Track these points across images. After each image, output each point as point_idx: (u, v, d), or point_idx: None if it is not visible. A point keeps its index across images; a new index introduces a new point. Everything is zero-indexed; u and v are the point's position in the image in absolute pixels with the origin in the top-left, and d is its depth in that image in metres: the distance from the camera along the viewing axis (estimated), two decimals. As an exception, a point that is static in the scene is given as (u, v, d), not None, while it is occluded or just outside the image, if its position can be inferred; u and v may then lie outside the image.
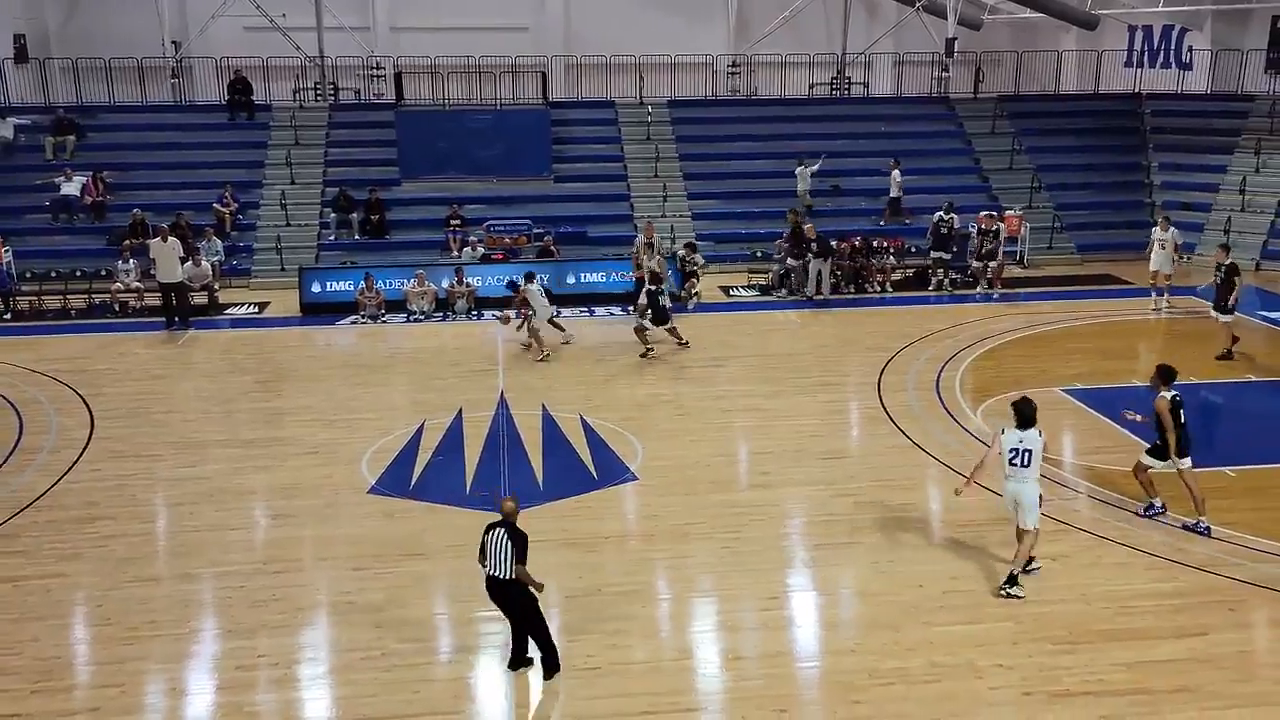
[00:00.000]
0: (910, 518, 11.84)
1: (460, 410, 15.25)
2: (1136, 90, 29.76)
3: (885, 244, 23.24)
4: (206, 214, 23.79)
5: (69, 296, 21.28)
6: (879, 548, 11.10)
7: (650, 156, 26.86)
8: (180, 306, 20.00)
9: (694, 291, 21.48)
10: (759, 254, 23.74)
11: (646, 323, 18.06)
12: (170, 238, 20.13)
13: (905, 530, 11.50)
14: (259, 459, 13.65)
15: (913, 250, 23.88)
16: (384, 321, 20.34)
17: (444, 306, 20.88)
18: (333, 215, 24.59)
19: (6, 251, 21.33)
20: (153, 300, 20.54)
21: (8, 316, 20.65)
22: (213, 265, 21.80)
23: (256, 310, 21.27)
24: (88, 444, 14.15)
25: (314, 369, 17.76)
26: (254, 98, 27.39)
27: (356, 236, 24.24)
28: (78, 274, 22.01)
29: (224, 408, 15.67)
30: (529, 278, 18.49)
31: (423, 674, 8.98)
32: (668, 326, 18.22)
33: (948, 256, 22.69)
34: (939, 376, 16.77)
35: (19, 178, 24.80)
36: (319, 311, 20.76)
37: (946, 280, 22.54)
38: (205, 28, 28.23)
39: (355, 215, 24.38)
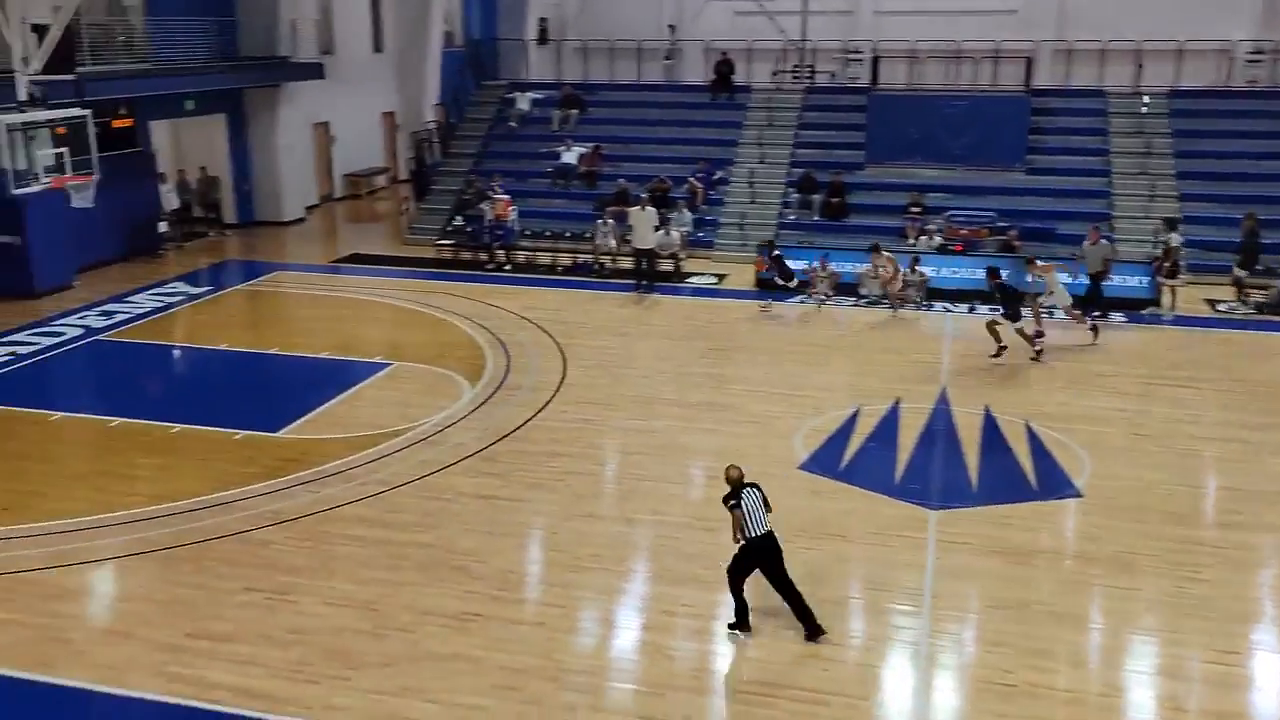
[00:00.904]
0: None
1: (898, 399, 15.08)
2: None
3: None
4: (681, 187, 25.33)
5: (557, 254, 23.72)
6: (1375, 620, 9.48)
7: (1140, 151, 24.58)
8: (649, 271, 21.57)
9: (1172, 298, 19.46)
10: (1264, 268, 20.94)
11: (1000, 318, 16.90)
12: (649, 207, 21.74)
13: None
14: (702, 421, 14.41)
15: None
16: (833, 303, 20.51)
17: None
18: (795, 195, 25.18)
19: (513, 210, 24.18)
20: (626, 263, 22.30)
21: (508, 268, 23.42)
22: (681, 235, 23.21)
23: (715, 281, 22.37)
24: (559, 388, 15.72)
25: (761, 342, 18.37)
26: (734, 79, 28.66)
27: (816, 217, 24.63)
28: (567, 235, 24.43)
29: (676, 369, 16.69)
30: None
31: (833, 654, 9.05)
32: (1016, 327, 16.85)
33: None
34: None
35: (529, 145, 27.90)
36: (772, 287, 21.39)
37: None
38: (700, 12, 30.06)
39: (817, 197, 24.78)
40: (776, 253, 20.48)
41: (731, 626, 9.31)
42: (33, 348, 17.45)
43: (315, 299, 21.13)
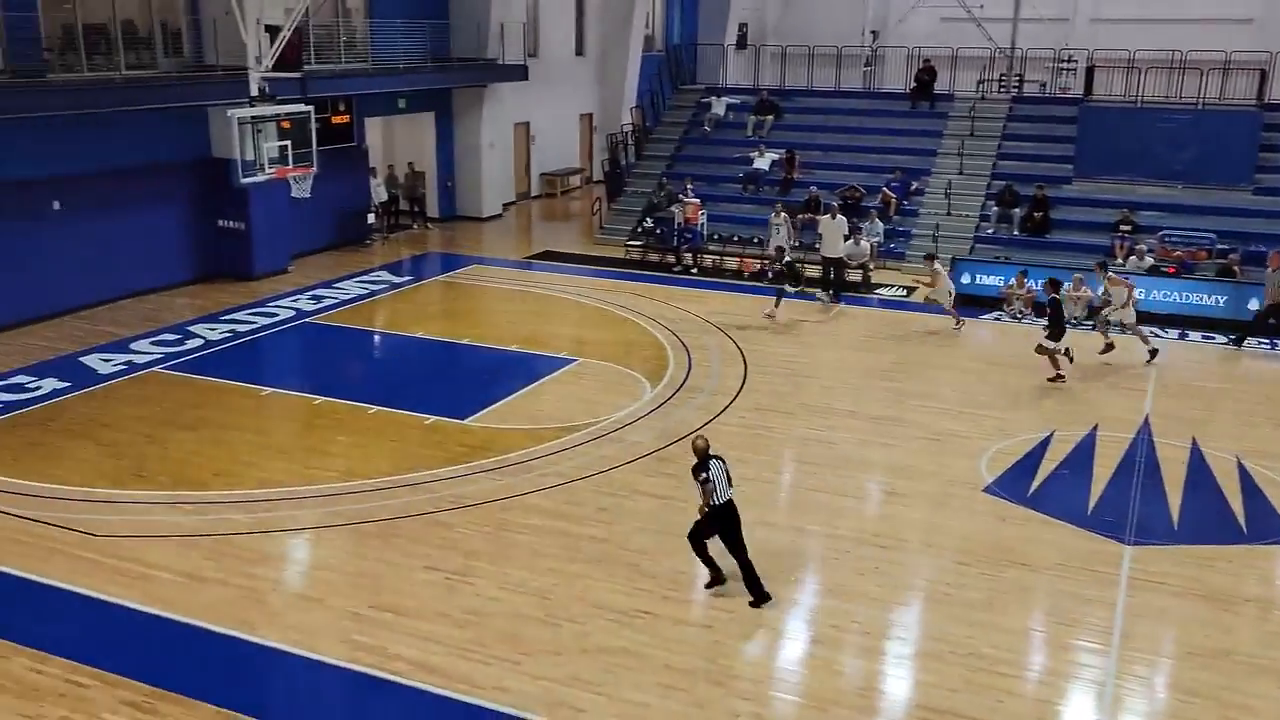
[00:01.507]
0: None
1: (1095, 426, 14.32)
2: None
3: None
4: (875, 196, 24.84)
5: (745, 259, 23.66)
6: None
7: (1387, 173, 22.56)
8: (836, 280, 21.25)
9: None
10: None
11: (1045, 341, 16.24)
12: (839, 216, 21.41)
13: None
14: (882, 436, 14.09)
15: None
16: (1029, 322, 19.68)
17: (1096, 315, 19.61)
18: (995, 209, 24.29)
19: (702, 214, 24.29)
20: (813, 272, 22.04)
21: (694, 271, 23.55)
22: (871, 245, 22.75)
23: (904, 294, 21.83)
24: (739, 393, 15.69)
25: (948, 358, 17.80)
26: (936, 87, 27.87)
27: (1015, 232, 23.69)
28: (755, 240, 24.35)
29: (858, 381, 16.38)
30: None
31: (1008, 686, 8.68)
32: (1052, 347, 16.24)
33: None
34: None
35: (722, 150, 27.94)
36: (966, 303, 20.65)
37: None
38: (904, 18, 29.42)
39: (1017, 211, 23.83)
40: (788, 259, 20.00)
41: (708, 586, 10.04)
42: (250, 326, 18.73)
43: (507, 293, 21.82)
